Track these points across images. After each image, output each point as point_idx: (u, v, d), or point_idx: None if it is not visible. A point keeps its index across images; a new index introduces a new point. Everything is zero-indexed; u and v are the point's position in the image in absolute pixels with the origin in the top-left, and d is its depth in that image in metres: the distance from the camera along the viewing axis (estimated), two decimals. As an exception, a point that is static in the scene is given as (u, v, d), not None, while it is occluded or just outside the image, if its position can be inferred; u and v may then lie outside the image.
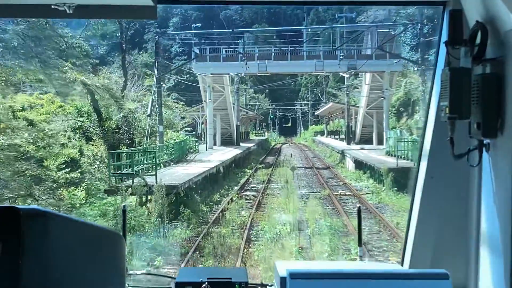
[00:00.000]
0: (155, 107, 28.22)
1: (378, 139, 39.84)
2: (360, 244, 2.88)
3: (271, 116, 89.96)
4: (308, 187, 24.56)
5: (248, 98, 79.89)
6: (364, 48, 40.49)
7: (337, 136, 59.63)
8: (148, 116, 27.47)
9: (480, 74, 2.09)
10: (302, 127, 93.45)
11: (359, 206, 3.10)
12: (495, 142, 2.08)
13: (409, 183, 16.70)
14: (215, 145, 40.23)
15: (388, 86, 37.68)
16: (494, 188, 2.14)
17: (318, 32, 52.84)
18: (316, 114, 79.49)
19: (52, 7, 2.18)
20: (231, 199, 20.37)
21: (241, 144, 44.26)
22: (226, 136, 44.66)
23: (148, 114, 27.24)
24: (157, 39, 32.10)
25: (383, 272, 2.27)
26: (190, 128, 46.78)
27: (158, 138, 28.51)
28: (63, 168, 20.58)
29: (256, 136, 78.60)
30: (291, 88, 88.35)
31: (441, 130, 2.35)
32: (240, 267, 9.88)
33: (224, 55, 38.84)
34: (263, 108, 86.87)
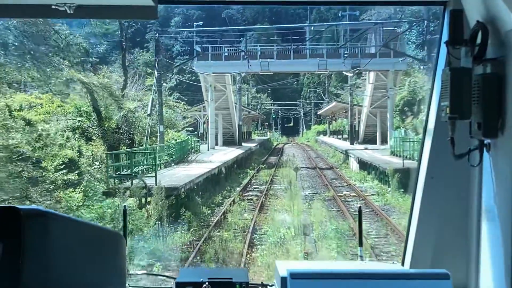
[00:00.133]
0: (155, 106, 27.81)
1: (381, 138, 39.45)
2: (360, 244, 2.89)
3: (273, 116, 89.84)
4: (312, 188, 24.19)
5: (250, 97, 79.65)
6: (368, 47, 40.09)
7: (340, 136, 59.41)
8: (148, 115, 27.06)
9: (480, 74, 2.09)
10: (304, 126, 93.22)
11: (359, 206, 3.14)
12: (496, 142, 2.09)
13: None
14: (216, 145, 39.92)
15: (392, 85, 37.26)
16: (494, 188, 2.15)
17: (321, 30, 52.34)
18: (318, 113, 79.12)
19: (53, 7, 2.21)
20: (233, 201, 19.95)
21: (243, 144, 43.92)
22: (228, 136, 44.27)
23: (148, 113, 26.83)
24: (157, 37, 31.55)
25: (384, 272, 2.32)
26: (191, 128, 46.50)
27: (159, 138, 28.12)
28: (61, 169, 20.09)
29: (258, 136, 78.44)
30: (293, 88, 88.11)
31: (441, 130, 2.35)
32: (241, 268, 9.80)
33: (226, 54, 38.46)
34: (265, 107, 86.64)
